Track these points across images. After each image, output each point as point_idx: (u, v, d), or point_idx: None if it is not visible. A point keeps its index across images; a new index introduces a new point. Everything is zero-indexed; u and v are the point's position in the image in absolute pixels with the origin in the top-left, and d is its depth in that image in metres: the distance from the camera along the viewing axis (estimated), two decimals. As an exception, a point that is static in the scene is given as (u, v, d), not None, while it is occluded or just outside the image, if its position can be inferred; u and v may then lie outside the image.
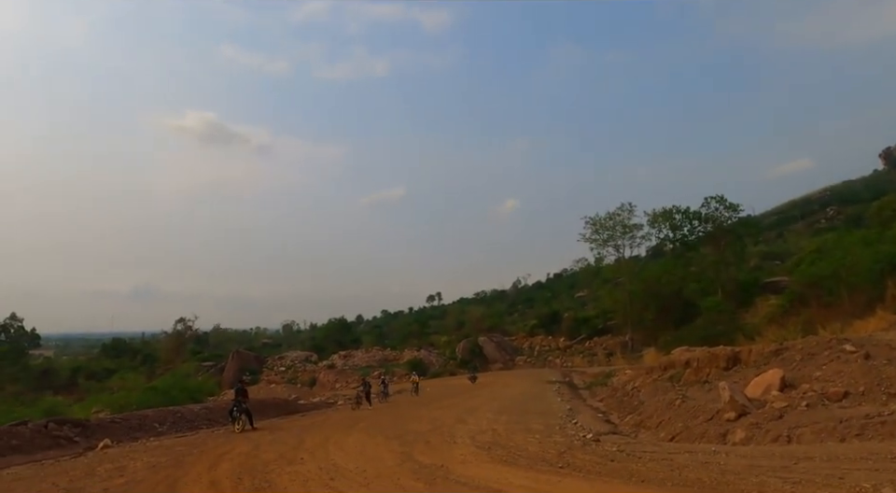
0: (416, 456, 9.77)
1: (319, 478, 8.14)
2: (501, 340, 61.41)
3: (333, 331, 75.33)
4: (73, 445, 14.57)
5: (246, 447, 12.16)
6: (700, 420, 12.54)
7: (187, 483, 8.34)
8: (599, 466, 8.24)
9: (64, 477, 9.55)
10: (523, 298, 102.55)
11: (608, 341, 56.30)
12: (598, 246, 54.37)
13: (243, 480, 8.27)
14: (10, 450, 13.41)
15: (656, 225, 53.34)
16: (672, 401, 15.31)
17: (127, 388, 35.32)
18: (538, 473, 7.87)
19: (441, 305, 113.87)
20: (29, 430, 14.62)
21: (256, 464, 9.70)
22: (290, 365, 60.83)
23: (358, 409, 23.59)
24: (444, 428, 14.01)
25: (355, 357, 63.12)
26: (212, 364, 59.26)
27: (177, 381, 31.91)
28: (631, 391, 20.90)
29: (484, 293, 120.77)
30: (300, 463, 9.60)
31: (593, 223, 53.83)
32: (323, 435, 13.73)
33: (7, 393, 44.09)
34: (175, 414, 19.40)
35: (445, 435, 12.57)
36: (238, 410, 16.29)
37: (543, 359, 57.11)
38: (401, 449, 10.65)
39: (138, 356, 66.77)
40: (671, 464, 8.06)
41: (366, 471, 8.56)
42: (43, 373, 58.02)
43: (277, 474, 8.59)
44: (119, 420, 17.44)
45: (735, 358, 16.55)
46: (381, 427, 14.85)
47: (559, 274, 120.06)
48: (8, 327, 66.90)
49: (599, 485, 6.84)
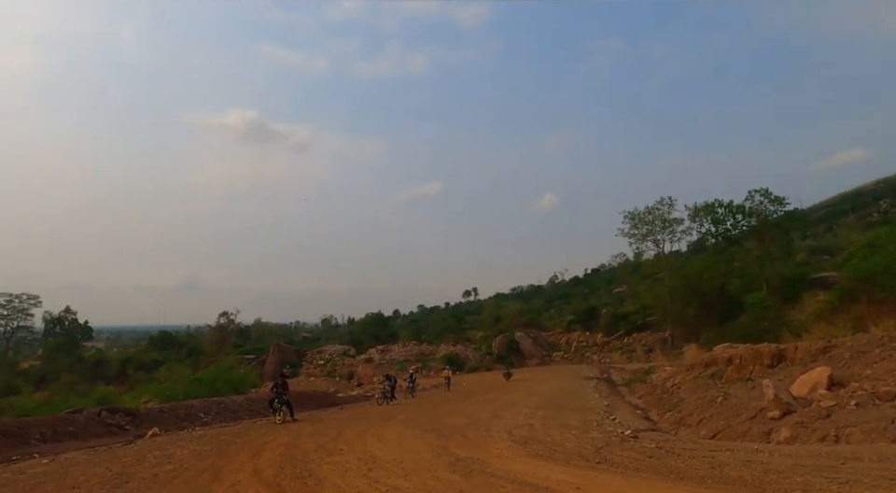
0: (453, 449, 9.85)
1: (358, 468, 8.30)
2: (538, 335, 61.01)
3: (370, 325, 76.18)
4: (124, 433, 15.20)
5: (287, 438, 12.46)
6: (742, 418, 12.26)
7: (230, 471, 8.61)
8: (637, 462, 8.16)
9: (117, 463, 9.98)
10: (559, 293, 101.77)
11: (647, 337, 55.36)
12: (637, 240, 53.54)
13: (284, 469, 8.49)
14: (67, 436, 14.08)
15: (697, 219, 52.09)
16: (713, 399, 15.01)
17: (173, 380, 36.57)
18: (574, 469, 7.84)
19: (478, 301, 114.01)
20: (84, 418, 15.32)
21: (296, 454, 9.94)
22: (329, 359, 61.77)
23: (382, 404, 22.71)
24: (481, 422, 14.05)
25: (392, 351, 63.65)
26: (253, 357, 60.67)
27: (221, 373, 32.89)
28: (671, 388, 20.54)
29: (521, 288, 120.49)
30: (339, 454, 9.79)
31: (632, 218, 52.98)
32: (361, 427, 13.95)
33: (62, 383, 46.24)
34: (219, 404, 20.01)
35: (481, 429, 12.62)
36: (279, 401, 16.70)
37: (580, 356, 56.52)
38: (438, 442, 10.75)
39: (184, 348, 68.90)
40: (711, 462, 7.91)
41: (403, 462, 8.68)
42: (95, 364, 60.48)
43: (317, 464, 8.78)
44: (166, 410, 18.09)
45: (780, 355, 16.09)
46: (418, 420, 14.99)
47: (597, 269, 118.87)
48: (63, 319, 70.07)
49: (637, 482, 6.77)
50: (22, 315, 66.96)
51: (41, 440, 13.55)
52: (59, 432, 14.14)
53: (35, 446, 13.13)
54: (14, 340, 68.74)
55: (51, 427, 14.23)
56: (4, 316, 65.81)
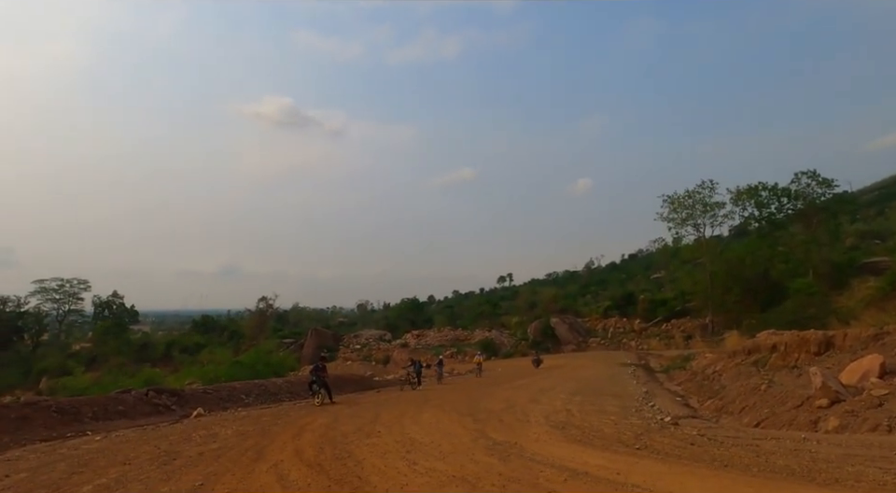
0: (489, 433, 9.86)
1: (396, 451, 8.39)
2: (574, 321, 60.60)
3: (406, 310, 76.88)
4: (170, 413, 15.71)
5: (326, 420, 12.68)
6: (788, 407, 11.92)
7: (273, 450, 8.81)
8: (679, 449, 8.02)
9: (164, 441, 10.34)
10: (596, 279, 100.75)
11: (686, 324, 54.42)
12: (676, 225, 52.40)
13: (324, 450, 8.64)
14: (117, 415, 14.64)
15: (740, 203, 50.73)
16: (757, 386, 14.64)
17: (215, 362, 37.57)
18: (614, 454, 7.75)
19: (512, 286, 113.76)
20: (132, 398, 15.89)
21: (336, 436, 10.11)
22: (365, 343, 62.69)
23: (405, 390, 22.20)
24: (517, 407, 14.03)
25: (427, 336, 64.22)
26: (292, 341, 62.02)
27: (261, 356, 33.62)
28: (712, 375, 20.14)
29: (556, 274, 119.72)
30: (377, 436, 9.92)
31: (671, 202, 51.90)
32: (398, 411, 14.10)
33: (111, 364, 48.15)
34: (260, 386, 20.49)
35: (518, 414, 12.60)
36: (318, 384, 17.02)
37: (617, 342, 55.98)
38: (474, 426, 10.78)
39: (225, 332, 70.83)
40: (756, 450, 7.71)
41: (441, 445, 8.74)
42: (142, 347, 62.75)
43: (356, 446, 8.91)
44: (210, 391, 18.62)
45: (828, 342, 15.55)
46: (454, 405, 15.05)
47: (634, 254, 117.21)
48: (111, 303, 72.79)
49: (679, 469, 6.65)
50: (73, 299, 69.75)
51: (93, 418, 14.12)
52: (109, 411, 14.70)
53: (88, 424, 13.69)
54: (66, 323, 71.82)
55: (103, 406, 14.81)
56: (56, 300, 68.64)
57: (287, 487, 6.32)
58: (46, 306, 68.04)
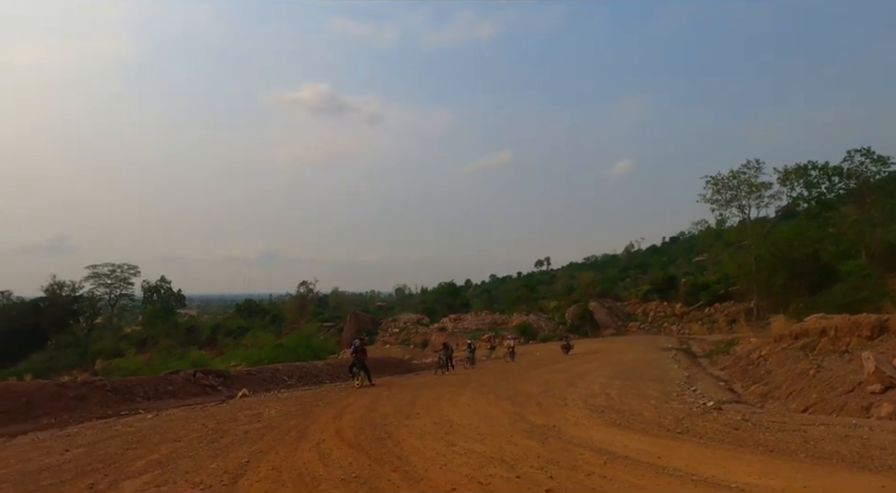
0: (528, 416, 9.86)
1: (435, 432, 8.47)
2: (613, 305, 59.82)
3: (443, 294, 77.11)
4: (216, 393, 16.27)
5: (366, 401, 12.91)
6: (838, 392, 11.55)
7: (315, 430, 9.03)
8: (722, 434, 7.85)
9: (212, 420, 10.72)
10: (636, 263, 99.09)
11: (729, 308, 53.07)
12: (720, 207, 50.95)
13: (364, 430, 8.80)
14: (167, 395, 15.25)
15: (788, 183, 48.93)
16: (805, 371, 14.24)
17: (258, 345, 38.65)
18: (654, 438, 7.65)
19: (550, 270, 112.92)
20: (181, 379, 16.51)
21: (375, 417, 10.28)
22: (403, 327, 63.33)
23: (438, 374, 21.88)
24: (555, 390, 13.98)
25: (465, 320, 64.41)
26: (332, 325, 63.10)
27: (302, 339, 34.41)
28: (757, 360, 19.66)
29: (595, 258, 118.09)
30: (416, 418, 10.04)
31: (714, 183, 50.41)
32: (436, 393, 14.23)
33: (160, 346, 50.08)
34: (301, 369, 21.01)
35: (556, 398, 12.55)
36: (357, 367, 17.30)
37: (658, 326, 55.06)
38: (512, 409, 10.79)
39: (267, 316, 72.59)
40: (805, 436, 7.50)
41: (479, 427, 8.78)
42: (188, 330, 64.96)
43: (395, 427, 9.04)
44: (254, 373, 19.19)
45: (882, 326, 14.96)
46: (492, 388, 15.10)
47: (675, 237, 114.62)
48: (159, 288, 75.43)
49: (723, 453, 6.51)
50: (124, 284, 72.50)
51: (145, 397, 14.75)
52: (160, 391, 15.32)
53: (140, 403, 14.30)
54: (118, 307, 74.87)
55: (153, 386, 15.45)
56: (108, 284, 71.48)
57: (329, 466, 6.45)
58: (99, 291, 71.03)
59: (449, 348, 24.35)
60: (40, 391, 12.80)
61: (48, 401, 12.58)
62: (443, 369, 22.73)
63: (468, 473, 5.83)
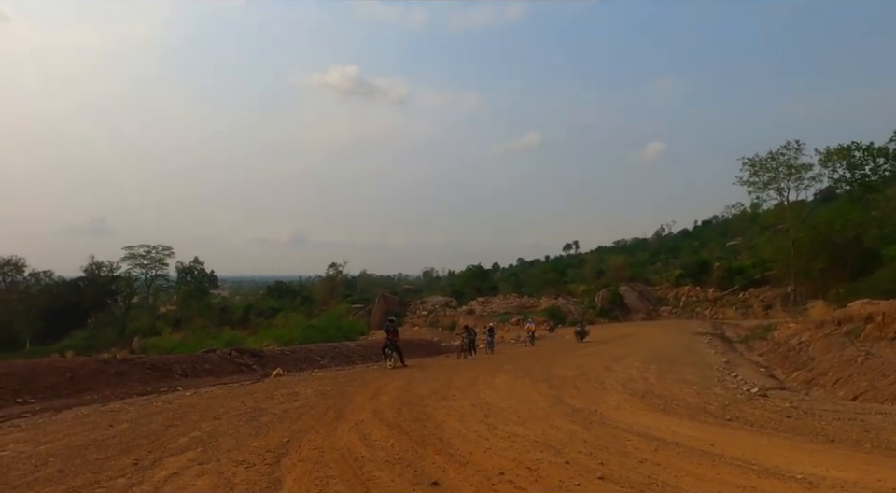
0: (567, 399, 9.68)
1: (474, 414, 8.34)
2: (644, 289, 58.95)
3: (472, 277, 76.89)
4: (251, 372, 16.44)
5: (401, 382, 12.87)
6: (891, 379, 11.09)
7: (352, 410, 8.98)
8: (774, 422, 7.55)
9: (250, 398, 10.78)
10: (666, 247, 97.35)
11: (765, 293, 51.84)
12: (757, 189, 49.46)
13: (402, 411, 8.71)
14: (204, 373, 15.46)
15: (829, 164, 47.23)
16: (852, 358, 13.74)
17: (290, 326, 39.11)
18: (703, 425, 7.39)
19: (579, 254, 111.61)
20: (217, 357, 16.73)
21: (411, 398, 10.20)
22: (431, 309, 63.41)
23: (462, 359, 20.67)
24: (591, 374, 13.76)
25: (493, 303, 64.21)
26: (361, 306, 63.51)
27: (333, 320, 34.70)
28: (797, 346, 19.10)
29: (625, 241, 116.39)
30: (452, 400, 9.93)
31: (751, 164, 48.94)
32: (470, 375, 14.14)
33: (195, 325, 51.10)
34: (334, 349, 21.13)
35: (593, 381, 12.33)
36: (390, 348, 17.30)
37: (690, 311, 54.10)
38: (550, 392, 10.62)
39: (297, 297, 73.53)
40: (863, 425, 7.16)
41: (518, 410, 8.62)
42: (221, 310, 66.23)
43: (433, 408, 8.94)
44: (287, 352, 19.35)
45: (935, 313, 14.32)
46: (526, 371, 14.93)
47: (708, 221, 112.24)
48: (193, 269, 76.98)
49: (780, 442, 6.23)
50: (159, 264, 74.05)
51: (183, 375, 14.97)
52: (197, 369, 15.54)
53: (178, 380, 14.52)
54: (154, 287, 76.74)
55: (191, 364, 15.67)
56: (144, 265, 73.20)
57: (371, 446, 6.35)
58: (135, 271, 72.75)
59: (472, 332, 22.36)
60: (83, 367, 13.06)
61: (90, 377, 12.82)
62: (466, 352, 21.30)
63: (514, 458, 5.67)
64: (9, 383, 11.02)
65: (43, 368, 12.18)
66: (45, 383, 11.64)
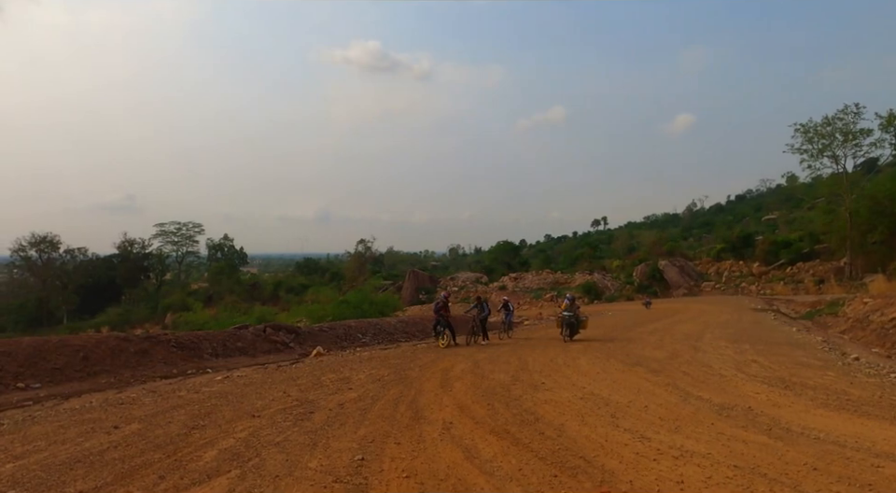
0: (691, 390, 7.61)
1: (593, 412, 6.31)
2: (685, 264, 56.31)
3: (501, 253, 75.01)
4: (289, 350, 14.77)
5: (466, 365, 10.92)
6: None
7: (427, 404, 7.03)
8: None
9: (293, 386, 8.92)
10: (699, 222, 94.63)
11: (816, 267, 49.03)
12: (811, 157, 46.36)
13: (494, 407, 6.74)
14: (236, 351, 13.82)
15: (891, 130, 43.89)
16: None
17: (321, 302, 37.66)
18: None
19: (607, 230, 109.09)
20: (250, 334, 15.06)
21: (493, 386, 8.25)
22: (462, 286, 61.67)
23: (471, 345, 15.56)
24: (684, 355, 11.65)
25: (525, 279, 62.22)
26: (390, 283, 62.02)
27: (366, 296, 33.09)
28: (890, 323, 16.79)
29: (655, 217, 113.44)
30: (545, 389, 7.96)
31: (804, 131, 45.83)
32: (544, 356, 12.09)
33: (226, 302, 50.20)
34: (374, 325, 19.38)
35: (698, 365, 10.18)
36: (442, 325, 15.32)
37: (734, 286, 51.51)
38: (658, 379, 8.56)
39: (326, 274, 72.61)
40: None
41: (646, 407, 6.56)
42: (252, 287, 65.46)
43: (531, 402, 6.96)
44: (326, 329, 17.63)
45: None
46: (603, 350, 12.85)
47: (742, 195, 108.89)
48: (223, 246, 76.80)
49: None
50: (190, 241, 74.10)
51: (213, 354, 13.35)
52: (228, 347, 13.91)
53: (208, 360, 12.90)
54: (185, 264, 76.63)
55: (222, 342, 14.03)
56: (175, 242, 72.97)
57: (488, 472, 4.33)
58: (166, 248, 72.87)
59: (483, 307, 16.87)
60: (99, 346, 11.44)
61: (107, 357, 11.21)
62: (474, 336, 16.29)
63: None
64: (9, 364, 9.38)
65: (51, 347, 10.56)
66: (53, 364, 10.03)
